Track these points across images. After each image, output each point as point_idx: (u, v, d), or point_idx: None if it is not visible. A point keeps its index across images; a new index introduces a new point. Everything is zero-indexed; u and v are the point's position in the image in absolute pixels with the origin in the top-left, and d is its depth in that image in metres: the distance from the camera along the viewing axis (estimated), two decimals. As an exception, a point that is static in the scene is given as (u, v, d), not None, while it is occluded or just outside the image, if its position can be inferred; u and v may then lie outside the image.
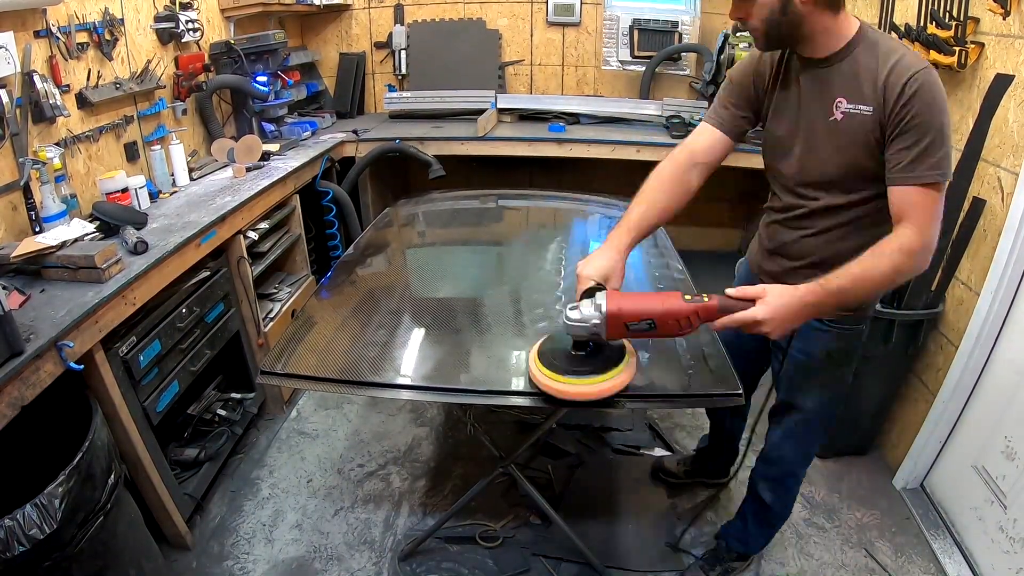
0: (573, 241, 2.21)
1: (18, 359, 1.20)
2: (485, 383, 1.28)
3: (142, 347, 1.65)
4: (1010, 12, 1.64)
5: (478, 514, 1.96)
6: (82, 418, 1.36)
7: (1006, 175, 1.71)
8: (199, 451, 2.01)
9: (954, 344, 1.88)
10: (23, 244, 1.55)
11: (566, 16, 3.53)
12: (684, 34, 3.46)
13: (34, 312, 1.37)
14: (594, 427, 2.35)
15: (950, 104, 1.93)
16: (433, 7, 3.55)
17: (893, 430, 2.21)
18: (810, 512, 2.02)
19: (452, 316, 1.55)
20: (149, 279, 1.64)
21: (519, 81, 3.72)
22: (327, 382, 1.26)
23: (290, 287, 2.65)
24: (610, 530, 1.92)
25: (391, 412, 2.47)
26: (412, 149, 2.99)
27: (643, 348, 1.39)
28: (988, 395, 1.81)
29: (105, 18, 2.00)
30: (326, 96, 3.59)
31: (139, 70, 2.19)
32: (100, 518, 1.29)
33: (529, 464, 2.14)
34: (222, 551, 1.86)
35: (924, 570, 1.81)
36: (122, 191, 1.97)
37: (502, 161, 3.25)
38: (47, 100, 1.74)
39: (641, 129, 3.28)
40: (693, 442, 2.34)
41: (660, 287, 1.77)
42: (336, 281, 1.73)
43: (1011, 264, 1.66)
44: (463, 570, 1.80)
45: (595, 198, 2.53)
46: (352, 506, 2.03)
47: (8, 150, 1.67)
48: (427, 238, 2.16)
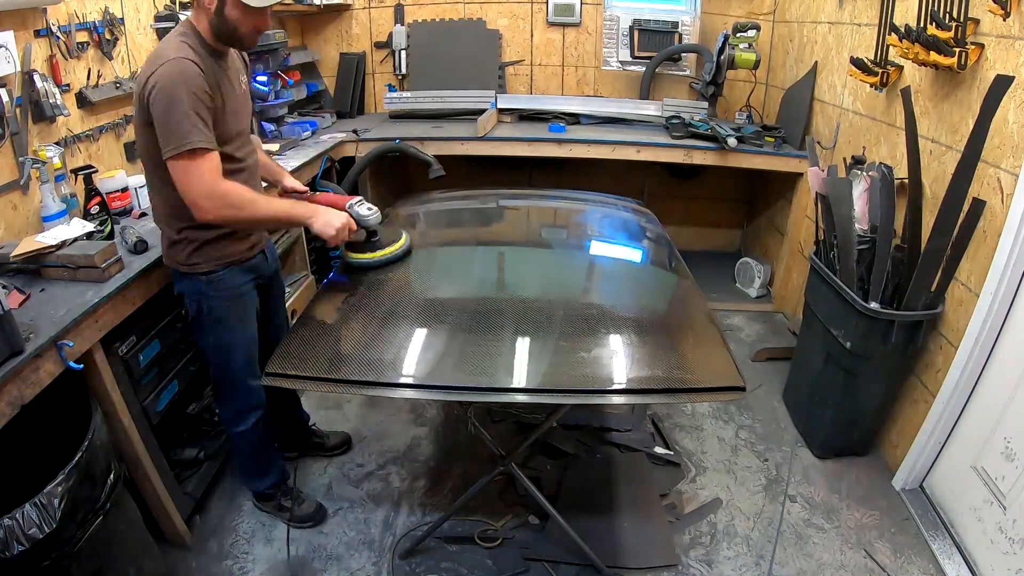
0: (573, 241, 2.21)
1: (18, 358, 1.20)
2: (485, 381, 1.28)
3: (142, 346, 1.65)
4: (1010, 13, 1.64)
5: (477, 514, 1.96)
6: (82, 417, 1.36)
7: (1006, 176, 1.71)
8: (198, 450, 2.01)
9: (954, 345, 1.88)
10: (23, 243, 1.55)
11: (566, 16, 3.53)
12: (684, 34, 3.47)
13: (34, 311, 1.37)
14: (594, 427, 2.35)
15: (950, 104, 1.95)
16: (433, 7, 3.56)
17: (892, 430, 2.21)
18: (809, 512, 2.02)
19: (452, 315, 1.55)
20: (149, 278, 1.64)
21: (519, 81, 3.72)
22: (329, 382, 1.26)
23: (290, 287, 2.65)
24: (606, 528, 1.92)
25: (391, 412, 2.47)
26: (412, 149, 2.99)
27: (642, 346, 1.39)
28: (988, 396, 1.81)
29: (105, 17, 2.00)
30: (326, 96, 3.59)
31: (139, 69, 2.18)
32: (99, 517, 1.29)
33: (527, 463, 2.14)
34: (221, 550, 1.86)
35: (923, 571, 1.81)
36: (122, 191, 1.98)
37: (502, 161, 3.25)
38: (47, 99, 1.74)
39: (641, 129, 3.28)
40: (693, 442, 2.34)
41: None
42: (337, 281, 1.73)
43: (1011, 265, 1.66)
44: (462, 570, 1.80)
45: (595, 197, 2.53)
46: (351, 505, 2.03)
47: (8, 149, 1.67)
48: (427, 238, 2.16)
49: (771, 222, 3.54)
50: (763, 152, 2.99)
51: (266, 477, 1.94)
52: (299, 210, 1.57)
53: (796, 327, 2.80)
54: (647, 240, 2.12)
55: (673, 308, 1.71)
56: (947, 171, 1.87)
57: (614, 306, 1.59)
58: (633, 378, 1.32)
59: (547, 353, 1.39)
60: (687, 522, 1.98)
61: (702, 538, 1.92)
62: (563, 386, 1.28)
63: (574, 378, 1.30)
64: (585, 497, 2.03)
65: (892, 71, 2.23)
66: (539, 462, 2.17)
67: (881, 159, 2.30)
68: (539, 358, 1.37)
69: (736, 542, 1.91)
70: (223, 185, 1.41)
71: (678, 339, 1.48)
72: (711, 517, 2.00)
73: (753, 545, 1.90)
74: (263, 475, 1.94)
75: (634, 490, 2.08)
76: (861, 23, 2.51)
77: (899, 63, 2.21)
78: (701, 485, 2.14)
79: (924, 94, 2.08)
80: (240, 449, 1.89)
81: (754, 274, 3.44)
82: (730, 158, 3.01)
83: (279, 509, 1.97)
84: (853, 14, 2.58)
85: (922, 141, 2.02)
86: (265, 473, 1.94)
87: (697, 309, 1.62)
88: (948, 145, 1.96)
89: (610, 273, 1.92)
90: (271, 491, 1.96)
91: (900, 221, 2.05)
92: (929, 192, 2.01)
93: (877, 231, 2.01)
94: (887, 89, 2.31)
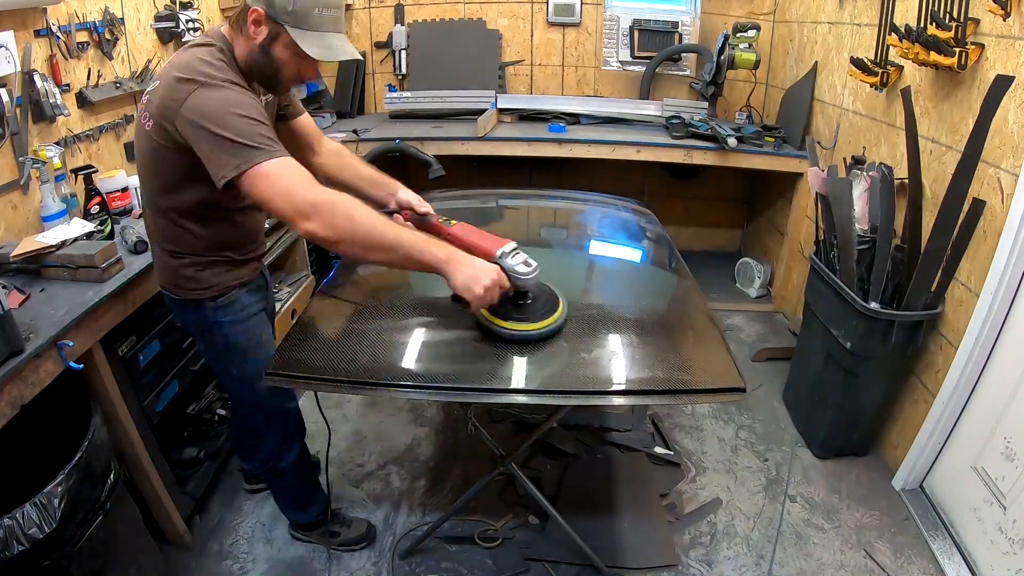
0: (573, 241, 2.20)
1: (18, 358, 1.20)
2: (485, 382, 1.28)
3: (142, 346, 1.65)
4: (1010, 13, 1.64)
5: (477, 514, 1.96)
6: (82, 417, 1.36)
7: (1006, 176, 1.71)
8: (199, 450, 2.01)
9: (954, 345, 1.88)
10: (23, 243, 1.55)
11: (566, 16, 3.53)
12: (684, 34, 3.46)
13: (34, 311, 1.37)
14: (594, 427, 2.35)
15: (950, 104, 1.95)
16: (433, 7, 3.56)
17: (892, 430, 2.21)
18: (809, 512, 2.02)
19: (453, 315, 1.55)
20: (149, 279, 1.64)
21: (519, 81, 3.72)
22: (329, 382, 1.26)
23: (290, 287, 2.65)
24: (606, 528, 1.92)
25: (391, 412, 2.47)
26: (412, 149, 2.99)
27: (643, 346, 1.39)
28: (988, 396, 1.81)
29: (105, 17, 2.00)
30: (326, 96, 3.59)
31: (139, 69, 2.19)
32: (99, 517, 1.29)
33: (527, 464, 2.14)
34: (221, 550, 1.86)
35: (923, 571, 1.81)
36: (122, 190, 1.98)
37: (502, 161, 3.25)
38: (47, 99, 1.74)
39: (641, 129, 3.28)
40: (693, 442, 2.34)
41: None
42: (337, 281, 1.73)
43: (1011, 265, 1.66)
44: (462, 570, 1.80)
45: (595, 197, 2.53)
46: (351, 506, 2.03)
47: (8, 149, 1.67)
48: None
49: (771, 222, 3.54)
50: (763, 152, 2.99)
51: (313, 506, 1.82)
52: (433, 250, 1.21)
53: (796, 327, 2.80)
54: (647, 240, 2.12)
55: (673, 308, 1.71)
56: (947, 171, 1.87)
57: (614, 306, 1.58)
58: (633, 379, 1.32)
59: (547, 354, 1.39)
60: (687, 522, 1.98)
61: (702, 538, 1.92)
62: (563, 387, 1.28)
63: (574, 379, 1.29)
64: (585, 497, 2.03)
65: (892, 71, 2.23)
66: (539, 462, 2.17)
67: (881, 159, 2.30)
68: (539, 358, 1.37)
69: (736, 542, 1.91)
70: (324, 189, 1.16)
71: (678, 340, 1.48)
72: (711, 517, 2.00)
73: (753, 545, 1.90)
74: (310, 504, 1.82)
75: (634, 490, 2.08)
76: (861, 23, 2.51)
77: (899, 63, 2.21)
78: (701, 485, 2.14)
79: (924, 94, 2.08)
80: (286, 485, 1.75)
81: (754, 274, 3.44)
82: (730, 158, 3.01)
83: (328, 536, 1.85)
84: (853, 14, 2.58)
85: (922, 141, 2.02)
86: (311, 502, 1.82)
87: (697, 309, 1.62)
88: (948, 145, 1.96)
89: (610, 273, 1.92)
90: (316, 520, 1.84)
91: (900, 221, 2.05)
92: (929, 192, 2.01)
93: (877, 231, 2.01)
94: (887, 89, 2.31)
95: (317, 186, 1.16)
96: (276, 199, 1.14)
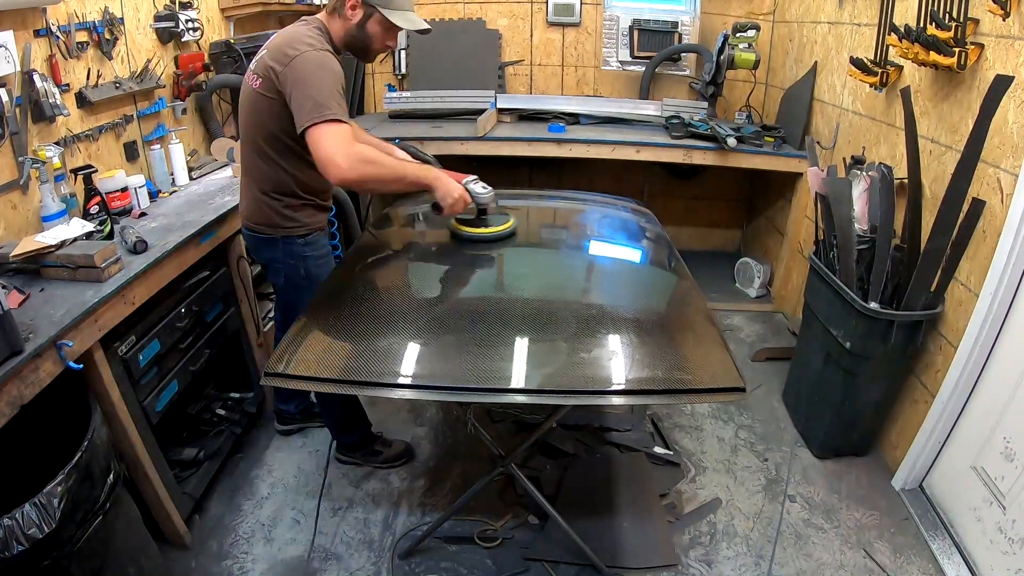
0: (573, 241, 2.20)
1: (17, 358, 1.20)
2: (485, 381, 1.28)
3: (141, 346, 1.65)
4: (1010, 13, 1.64)
5: (477, 514, 1.96)
6: (81, 417, 1.36)
7: (1005, 176, 1.71)
8: (198, 450, 2.01)
9: (953, 345, 1.88)
10: (23, 243, 1.55)
11: (566, 16, 3.53)
12: (684, 34, 3.47)
13: (33, 311, 1.37)
14: (594, 427, 2.35)
15: (950, 104, 1.95)
16: (433, 7, 3.56)
17: (892, 430, 2.21)
18: (809, 512, 2.02)
19: (452, 315, 1.55)
20: (148, 278, 1.64)
21: (519, 81, 3.72)
22: (330, 383, 1.26)
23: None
24: (606, 528, 1.92)
25: (390, 411, 2.47)
26: (412, 149, 2.98)
27: (642, 346, 1.39)
28: (987, 396, 1.81)
29: (105, 17, 2.00)
30: (326, 96, 3.59)
31: (139, 69, 2.19)
32: (99, 517, 1.29)
33: (527, 464, 2.14)
34: (221, 550, 1.86)
35: (923, 571, 1.81)
36: (122, 190, 1.98)
37: (502, 161, 3.24)
38: (47, 99, 1.74)
39: (641, 129, 3.28)
40: (693, 442, 2.34)
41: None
42: (336, 281, 1.73)
43: (1010, 265, 1.66)
44: (462, 570, 1.80)
45: (595, 197, 2.53)
46: (351, 505, 2.03)
47: (8, 149, 1.67)
48: (427, 238, 2.16)
49: (771, 222, 3.54)
50: (763, 152, 2.99)
51: (358, 428, 2.14)
52: (424, 173, 1.68)
53: (796, 327, 2.80)
54: (647, 240, 2.12)
55: (673, 308, 1.71)
56: (947, 171, 1.87)
57: (614, 306, 1.58)
58: (633, 379, 1.32)
59: (547, 353, 1.39)
60: (687, 522, 1.98)
61: (702, 538, 1.92)
62: (563, 387, 1.28)
63: (574, 379, 1.29)
64: (585, 497, 2.03)
65: (892, 71, 2.23)
66: (539, 462, 2.17)
67: (881, 159, 2.30)
68: (539, 358, 1.37)
69: (736, 542, 1.91)
70: (358, 145, 1.55)
71: (678, 339, 1.48)
72: (711, 517, 2.00)
73: (753, 545, 1.90)
74: (357, 425, 2.13)
75: (634, 490, 2.08)
76: (861, 23, 2.51)
77: (899, 63, 2.21)
78: (701, 485, 2.14)
79: (924, 94, 2.08)
80: (334, 411, 2.08)
81: (754, 274, 3.44)
82: (730, 158, 3.01)
83: (370, 455, 2.16)
84: (853, 14, 2.58)
85: (922, 141, 2.03)
86: (357, 423, 2.13)
87: (697, 309, 1.62)
88: (948, 145, 1.96)
89: (610, 273, 1.92)
90: (360, 441, 2.15)
91: (900, 221, 2.06)
92: (929, 192, 2.01)
93: (877, 231, 2.01)
94: (887, 89, 2.31)
95: (353, 144, 1.51)
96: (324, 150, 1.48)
